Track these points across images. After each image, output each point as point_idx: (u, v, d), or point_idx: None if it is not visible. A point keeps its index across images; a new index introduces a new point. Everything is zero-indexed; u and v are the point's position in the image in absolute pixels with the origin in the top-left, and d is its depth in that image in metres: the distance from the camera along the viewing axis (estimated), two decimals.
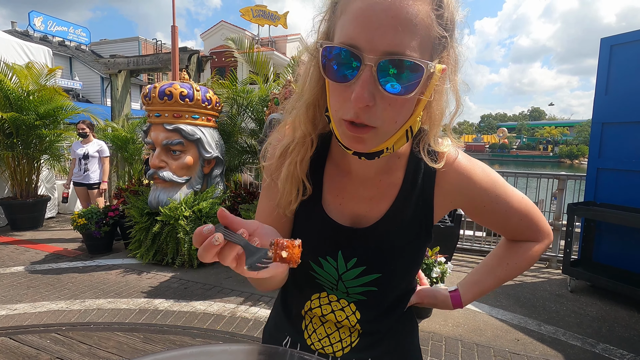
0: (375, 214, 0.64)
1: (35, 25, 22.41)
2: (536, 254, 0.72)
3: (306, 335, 0.70)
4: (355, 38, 0.47)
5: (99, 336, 1.15)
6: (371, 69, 0.47)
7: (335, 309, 0.68)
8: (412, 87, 0.49)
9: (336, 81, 0.50)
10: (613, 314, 3.06)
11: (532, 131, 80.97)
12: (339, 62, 0.49)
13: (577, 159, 58.00)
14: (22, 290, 3.30)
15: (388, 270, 0.64)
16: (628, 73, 3.39)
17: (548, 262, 4.26)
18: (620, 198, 3.44)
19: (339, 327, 0.69)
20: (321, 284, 0.68)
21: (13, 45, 5.69)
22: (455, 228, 3.41)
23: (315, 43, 0.56)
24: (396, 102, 0.49)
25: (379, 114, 0.49)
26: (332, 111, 0.54)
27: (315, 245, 0.65)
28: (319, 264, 0.65)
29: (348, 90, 0.49)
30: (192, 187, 3.99)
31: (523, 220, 0.69)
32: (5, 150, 5.19)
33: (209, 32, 23.73)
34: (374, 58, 0.46)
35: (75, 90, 20.23)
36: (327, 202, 0.66)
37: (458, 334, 2.67)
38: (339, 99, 0.51)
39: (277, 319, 0.78)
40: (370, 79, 0.47)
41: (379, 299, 0.67)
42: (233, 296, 3.21)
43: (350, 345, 0.68)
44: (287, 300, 0.75)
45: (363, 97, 0.47)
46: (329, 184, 0.66)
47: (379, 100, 0.49)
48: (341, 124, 0.52)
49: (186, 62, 5.78)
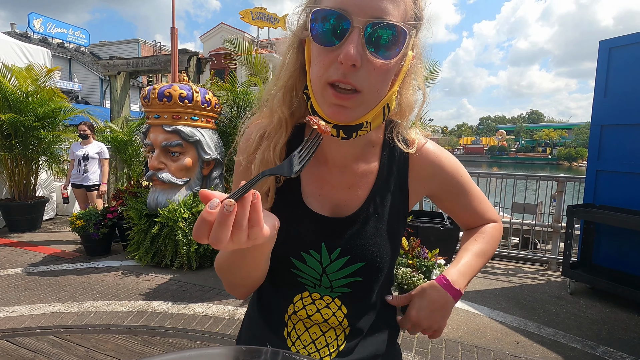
0: (354, 202, 0.64)
1: (34, 27, 22.41)
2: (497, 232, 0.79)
3: (290, 343, 0.67)
4: (345, 2, 0.50)
5: (96, 339, 1.14)
6: (359, 32, 0.50)
7: (320, 307, 0.66)
8: (396, 53, 0.52)
9: (324, 44, 0.52)
10: (613, 316, 3.06)
11: (530, 133, 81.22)
12: (329, 24, 0.51)
13: (575, 161, 58.19)
14: (19, 292, 3.28)
15: (372, 257, 0.64)
16: (627, 75, 3.40)
17: (548, 264, 4.26)
18: (619, 200, 3.44)
19: (324, 332, 0.66)
20: (303, 282, 0.65)
21: (12, 46, 5.69)
22: (455, 230, 3.41)
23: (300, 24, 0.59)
24: (380, 67, 0.52)
25: (364, 77, 0.51)
26: (315, 78, 0.54)
27: (298, 239, 0.64)
28: (302, 259, 0.64)
29: (334, 54, 0.51)
30: (191, 189, 3.98)
31: (482, 203, 0.76)
32: (3, 152, 5.18)
33: (209, 34, 23.78)
34: (362, 21, 0.49)
35: (74, 92, 20.21)
36: (307, 193, 0.65)
37: (458, 337, 2.66)
38: (325, 63, 0.52)
39: (254, 330, 0.73)
40: (358, 40, 0.50)
41: (363, 290, 0.66)
42: (232, 298, 3.20)
43: (337, 350, 0.66)
44: (266, 307, 0.71)
45: (352, 54, 0.49)
46: (307, 175, 0.66)
47: (365, 63, 0.51)
48: (325, 89, 0.53)
49: (185, 64, 5.78)
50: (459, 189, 0.72)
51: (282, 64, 0.62)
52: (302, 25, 0.59)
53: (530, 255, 4.44)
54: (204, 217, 0.40)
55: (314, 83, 0.55)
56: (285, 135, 0.64)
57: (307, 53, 0.57)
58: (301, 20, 0.59)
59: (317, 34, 0.52)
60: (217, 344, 1.32)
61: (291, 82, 0.61)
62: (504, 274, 4.04)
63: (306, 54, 0.58)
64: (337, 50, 0.51)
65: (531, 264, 4.38)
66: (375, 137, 0.67)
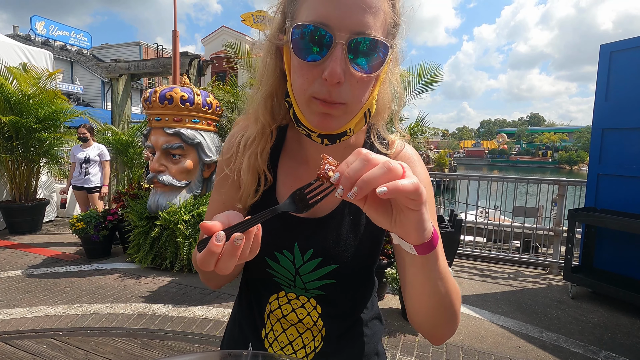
0: (330, 204, 0.64)
1: (37, 30, 22.53)
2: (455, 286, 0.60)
3: (267, 344, 0.68)
4: (326, 17, 0.49)
5: (96, 342, 1.13)
6: (342, 47, 0.49)
7: (295, 307, 0.66)
8: (378, 66, 0.53)
9: (306, 60, 0.51)
10: (615, 321, 3.04)
11: (531, 137, 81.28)
12: (310, 40, 0.50)
13: (576, 164, 58.16)
14: (19, 294, 3.27)
15: (345, 259, 0.63)
16: (628, 79, 3.40)
17: (549, 267, 4.24)
18: (621, 204, 3.43)
19: (301, 333, 0.66)
20: (278, 281, 0.66)
21: (14, 49, 5.71)
22: (456, 234, 3.39)
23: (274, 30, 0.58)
24: (363, 80, 0.52)
25: (348, 90, 0.52)
26: (299, 91, 0.54)
27: (271, 239, 0.62)
28: (275, 258, 0.64)
29: (317, 69, 0.51)
30: (191, 191, 3.98)
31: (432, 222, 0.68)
32: (4, 154, 5.19)
33: (210, 38, 23.87)
34: (344, 36, 0.49)
35: (76, 94, 20.29)
36: (281, 194, 0.65)
37: (459, 341, 2.65)
38: (308, 78, 0.52)
39: (234, 331, 0.75)
40: (342, 56, 0.49)
41: (337, 292, 0.65)
42: (232, 301, 3.19)
43: (314, 351, 0.66)
44: (246, 307, 0.73)
45: (337, 73, 0.49)
46: (283, 176, 0.67)
47: (348, 78, 0.51)
48: (311, 101, 0.53)
49: (187, 67, 5.79)
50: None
51: (263, 70, 0.62)
52: (276, 30, 0.59)
53: (532, 259, 4.43)
54: (212, 250, 0.43)
55: (297, 95, 0.55)
56: (270, 140, 0.66)
57: (287, 61, 0.56)
58: (275, 25, 0.59)
59: (299, 49, 0.51)
60: (217, 347, 1.31)
61: (273, 89, 0.62)
62: (505, 278, 4.02)
63: (285, 61, 0.57)
64: (321, 65, 0.51)
65: (532, 268, 4.36)
66: (356, 140, 0.67)
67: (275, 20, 0.59)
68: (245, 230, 0.44)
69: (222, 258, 0.44)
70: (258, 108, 0.64)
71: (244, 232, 0.44)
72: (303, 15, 0.52)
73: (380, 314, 0.76)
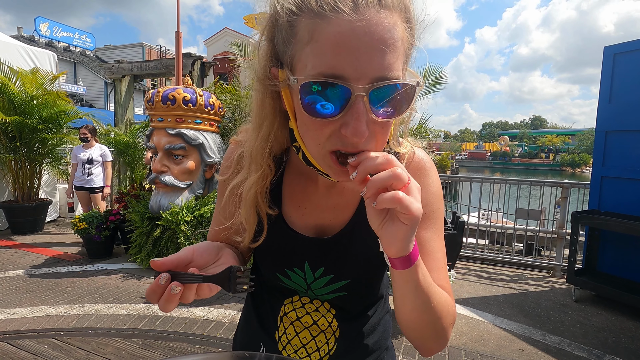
0: (339, 222, 0.63)
1: (41, 31, 22.65)
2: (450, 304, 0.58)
3: (280, 347, 0.67)
4: (339, 67, 0.43)
5: (97, 342, 1.13)
6: (362, 99, 0.43)
7: (309, 310, 0.66)
8: (405, 108, 0.47)
9: (321, 117, 0.45)
10: (619, 324, 3.02)
11: (533, 139, 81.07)
12: (323, 96, 0.44)
13: (579, 167, 57.95)
14: (21, 294, 3.27)
15: (356, 275, 0.63)
16: (632, 81, 3.38)
17: (552, 270, 4.22)
18: (625, 207, 3.41)
19: (315, 336, 0.66)
20: (291, 289, 0.67)
21: (18, 49, 5.74)
22: (458, 236, 3.38)
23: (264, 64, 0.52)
24: (388, 124, 0.48)
25: (371, 138, 0.47)
26: (313, 145, 0.49)
27: (281, 258, 0.64)
28: (286, 275, 0.64)
29: (335, 124, 0.46)
30: (193, 192, 3.98)
31: (440, 253, 0.62)
32: (7, 154, 5.21)
33: (213, 39, 23.96)
34: (364, 88, 0.43)
35: (79, 95, 20.38)
36: (289, 214, 0.64)
37: (461, 344, 2.63)
38: (324, 133, 0.47)
39: (247, 330, 0.75)
40: (363, 109, 0.44)
41: (350, 302, 0.67)
42: (233, 302, 3.18)
43: (328, 354, 0.65)
44: (259, 308, 0.73)
45: (362, 131, 0.44)
46: (290, 195, 0.64)
47: (371, 126, 0.46)
48: (327, 157, 0.49)
49: (189, 68, 5.80)
50: (430, 218, 0.62)
51: (258, 112, 0.56)
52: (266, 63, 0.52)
53: (534, 262, 4.40)
54: (154, 289, 0.47)
55: (311, 147, 0.51)
56: (269, 176, 0.61)
57: (287, 102, 0.51)
58: (263, 56, 0.52)
59: (310, 109, 0.45)
60: (218, 348, 1.30)
61: (273, 130, 0.57)
62: (508, 280, 4.00)
63: (286, 102, 0.51)
64: (338, 120, 0.45)
65: (535, 271, 4.34)
66: None
67: (263, 51, 0.53)
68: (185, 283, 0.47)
69: (161, 300, 0.46)
70: (258, 152, 0.58)
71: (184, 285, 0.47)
72: (307, 62, 0.45)
73: (390, 308, 0.76)
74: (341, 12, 0.42)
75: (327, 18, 0.43)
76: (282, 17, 0.47)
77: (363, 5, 0.42)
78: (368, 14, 0.42)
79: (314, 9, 0.44)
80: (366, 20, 0.42)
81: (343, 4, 0.42)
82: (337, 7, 0.42)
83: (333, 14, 0.42)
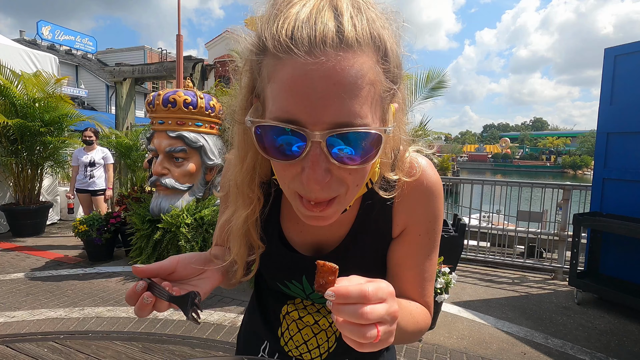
0: (336, 237, 0.62)
1: (43, 35, 22.78)
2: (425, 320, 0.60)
3: (282, 343, 0.70)
4: (293, 112, 0.40)
5: (97, 345, 1.13)
6: (319, 145, 0.41)
7: (311, 311, 0.68)
8: (372, 157, 0.43)
9: (279, 160, 0.44)
10: (622, 327, 3.00)
11: (534, 141, 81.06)
12: (279, 141, 0.42)
13: (580, 169, 57.88)
14: (21, 297, 3.27)
15: None
16: (633, 83, 3.38)
17: (554, 273, 4.20)
18: (627, 209, 3.39)
19: (316, 333, 0.68)
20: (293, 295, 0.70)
21: (20, 53, 5.77)
22: (460, 238, 3.36)
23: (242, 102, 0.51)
24: (355, 170, 0.44)
25: (339, 183, 0.44)
26: (281, 183, 0.48)
27: (279, 273, 0.66)
28: (286, 286, 0.67)
29: (295, 167, 0.43)
30: (194, 195, 3.98)
31: (431, 271, 0.62)
32: (9, 157, 5.22)
33: (214, 42, 24.04)
34: (320, 134, 0.40)
35: (80, 98, 20.44)
36: (287, 229, 0.64)
37: (463, 347, 2.61)
38: (288, 174, 0.45)
39: (251, 324, 0.77)
40: (320, 156, 0.41)
41: None
42: (234, 305, 3.17)
43: (328, 351, 0.68)
44: (263, 305, 0.75)
45: (317, 179, 0.42)
46: (288, 212, 0.64)
47: (336, 171, 0.43)
48: (295, 197, 0.47)
49: (190, 71, 5.83)
50: (425, 239, 0.60)
51: (243, 143, 0.54)
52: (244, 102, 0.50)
53: (536, 264, 4.38)
54: (130, 295, 0.49)
55: (281, 185, 0.49)
56: (258, 207, 0.59)
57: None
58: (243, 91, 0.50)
59: (268, 151, 0.43)
60: (218, 351, 1.30)
61: (258, 161, 0.56)
62: (510, 283, 3.98)
63: None
64: (298, 164, 0.43)
65: (537, 273, 4.32)
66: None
67: (244, 82, 0.50)
68: (156, 295, 0.49)
69: (135, 307, 0.48)
70: (244, 187, 0.56)
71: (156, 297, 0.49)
72: (269, 102, 0.43)
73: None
74: (295, 55, 0.39)
75: (282, 60, 0.40)
76: (252, 53, 0.46)
77: (320, 46, 0.38)
78: (325, 56, 0.38)
79: (270, 50, 0.41)
80: (321, 64, 0.38)
81: (298, 45, 0.39)
82: (291, 50, 0.39)
83: (287, 56, 0.39)
